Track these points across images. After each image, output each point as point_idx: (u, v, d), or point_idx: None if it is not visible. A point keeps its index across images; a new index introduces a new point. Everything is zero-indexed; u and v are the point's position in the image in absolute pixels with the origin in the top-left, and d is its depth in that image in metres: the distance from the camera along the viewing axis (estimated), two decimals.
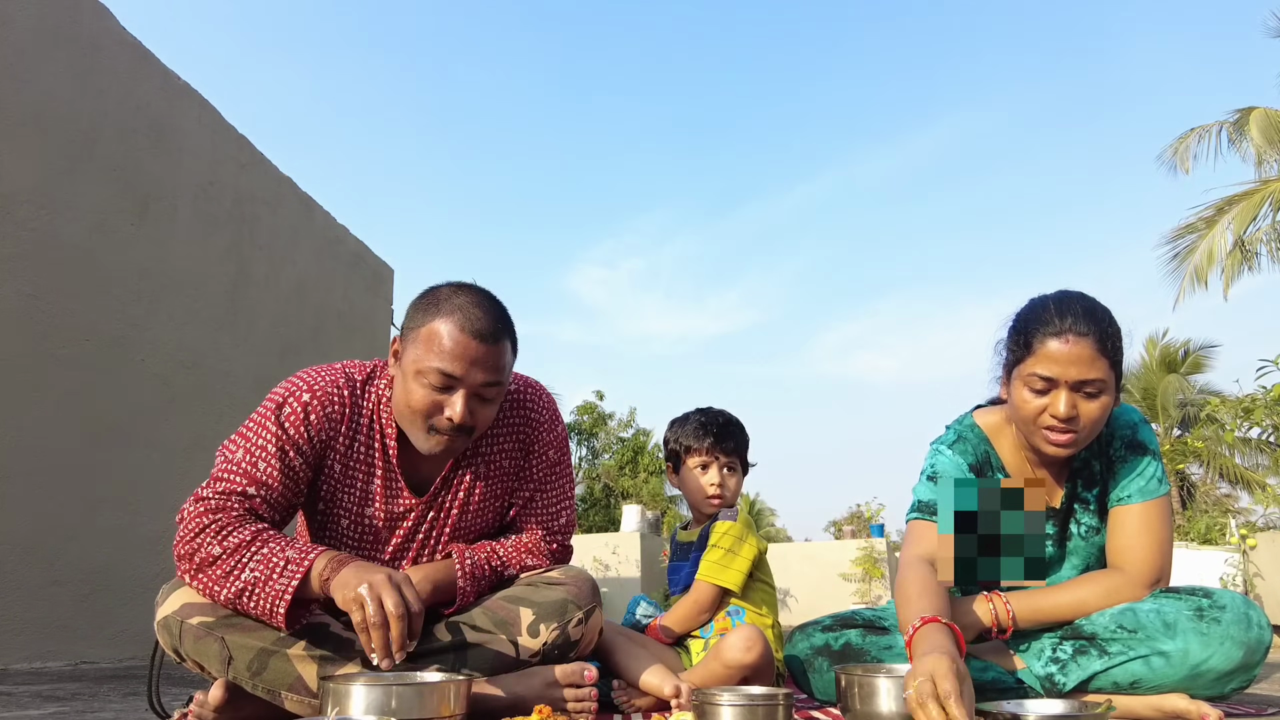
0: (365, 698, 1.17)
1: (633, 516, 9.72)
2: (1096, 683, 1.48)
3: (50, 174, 3.69)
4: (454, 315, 1.43)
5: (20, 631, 3.34)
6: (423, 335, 1.44)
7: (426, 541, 1.63)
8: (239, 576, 1.34)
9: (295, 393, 1.51)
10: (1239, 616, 1.42)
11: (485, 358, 1.43)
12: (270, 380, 1.68)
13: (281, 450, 1.46)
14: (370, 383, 1.58)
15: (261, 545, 1.36)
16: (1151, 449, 1.60)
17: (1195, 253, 11.75)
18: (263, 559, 1.34)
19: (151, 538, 4.07)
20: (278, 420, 1.48)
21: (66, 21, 3.84)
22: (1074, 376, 1.43)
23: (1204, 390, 16.78)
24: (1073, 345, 1.44)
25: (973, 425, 1.71)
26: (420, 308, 1.49)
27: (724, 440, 1.95)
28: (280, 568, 1.33)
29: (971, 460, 1.66)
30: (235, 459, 1.46)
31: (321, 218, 5.84)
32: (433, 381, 1.42)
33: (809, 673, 1.68)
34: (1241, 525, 8.35)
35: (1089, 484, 1.64)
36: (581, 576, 1.64)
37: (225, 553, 1.36)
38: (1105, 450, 1.63)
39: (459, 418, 1.43)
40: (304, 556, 1.34)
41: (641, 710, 1.66)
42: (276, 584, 1.32)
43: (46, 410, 3.57)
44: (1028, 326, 1.51)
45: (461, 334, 1.42)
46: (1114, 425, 1.63)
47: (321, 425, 1.50)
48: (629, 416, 20.83)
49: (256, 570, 1.34)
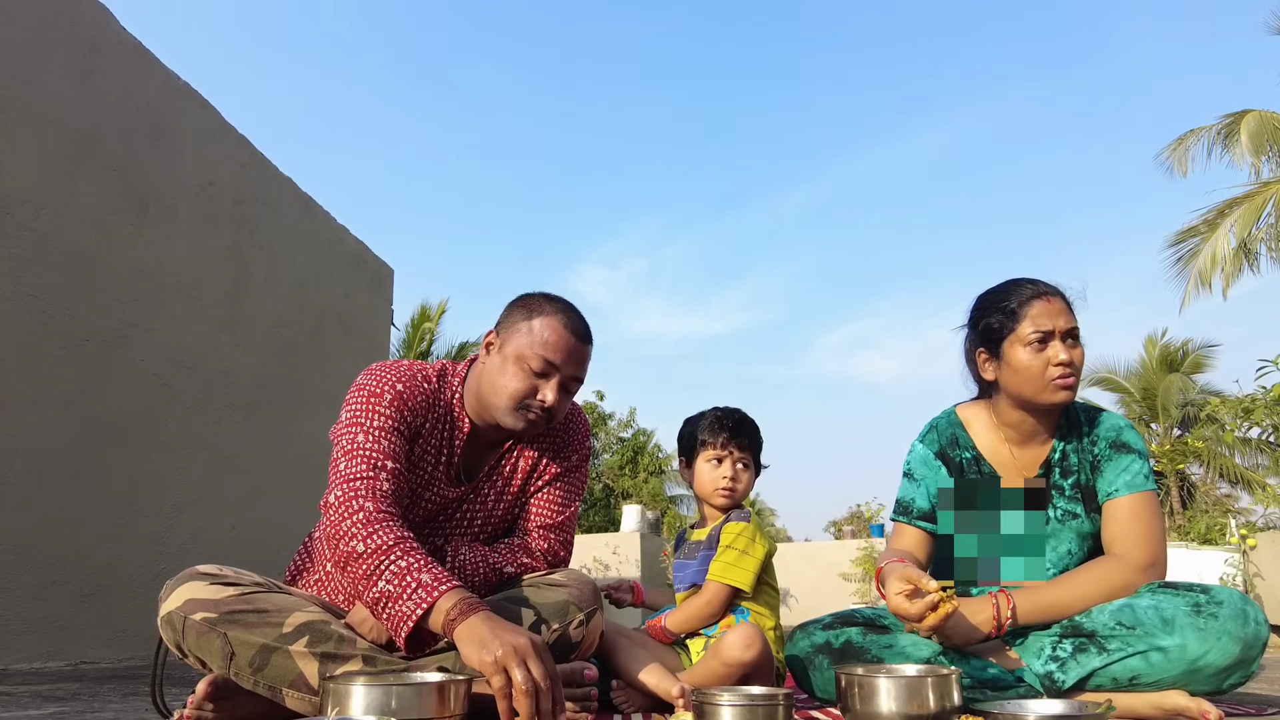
0: (365, 697, 1.17)
1: (632, 516, 9.72)
2: (1096, 680, 1.49)
3: (50, 174, 3.69)
4: (559, 315, 1.62)
5: (20, 631, 3.34)
6: (530, 327, 1.60)
7: (458, 528, 1.69)
8: (376, 584, 1.35)
9: (389, 383, 1.58)
10: (1236, 612, 1.43)
11: (580, 354, 1.62)
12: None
13: (398, 430, 1.54)
14: (444, 378, 1.69)
15: (401, 556, 1.35)
16: (1137, 449, 1.66)
17: (1199, 256, 11.74)
18: (398, 573, 1.34)
19: (151, 538, 4.08)
20: (385, 405, 1.54)
21: (66, 21, 3.84)
22: (1063, 326, 1.62)
23: (1204, 390, 16.78)
24: (1053, 301, 1.64)
25: (949, 414, 1.81)
26: (522, 306, 1.65)
27: (739, 436, 1.96)
28: (412, 589, 1.32)
29: (937, 447, 1.76)
30: (361, 442, 1.50)
31: (321, 218, 5.84)
32: (534, 367, 1.57)
33: (810, 671, 1.69)
34: (1241, 525, 8.35)
35: (1065, 473, 1.69)
36: (583, 579, 1.66)
37: (368, 552, 1.36)
38: (1089, 447, 1.68)
39: (551, 402, 1.57)
40: (437, 584, 1.32)
41: (641, 710, 1.67)
42: (404, 605, 1.32)
43: (46, 410, 3.57)
44: (1008, 300, 1.67)
45: (565, 330, 1.60)
46: (1099, 426, 1.69)
47: (416, 412, 1.59)
48: (629, 416, 20.84)
49: (391, 584, 1.33)
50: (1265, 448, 13.66)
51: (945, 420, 1.81)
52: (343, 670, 1.37)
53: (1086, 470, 1.68)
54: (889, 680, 1.24)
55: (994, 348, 1.68)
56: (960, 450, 1.76)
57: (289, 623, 1.41)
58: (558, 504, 1.75)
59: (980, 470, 1.74)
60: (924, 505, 1.76)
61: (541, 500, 1.75)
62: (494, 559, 1.65)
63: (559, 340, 1.58)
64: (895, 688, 1.22)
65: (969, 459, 1.75)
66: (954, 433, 1.78)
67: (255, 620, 1.41)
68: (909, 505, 1.76)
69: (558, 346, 1.58)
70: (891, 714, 1.21)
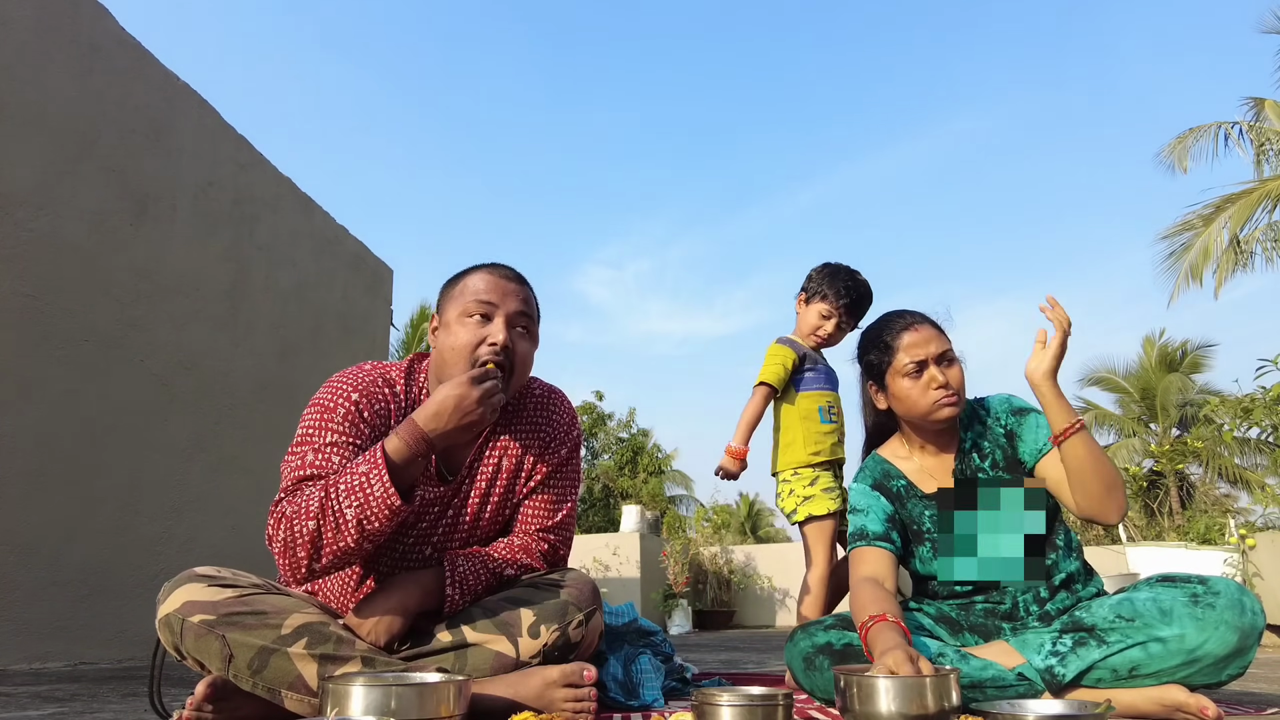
0: (365, 698, 1.17)
1: (632, 517, 9.71)
2: (1096, 672, 1.50)
3: (49, 174, 3.69)
4: (483, 268, 1.66)
5: (19, 632, 3.34)
6: (461, 288, 1.63)
7: (452, 528, 1.67)
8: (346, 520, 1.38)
9: (343, 393, 1.58)
10: (1233, 602, 1.46)
11: (516, 291, 1.64)
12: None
13: (352, 444, 1.53)
14: (412, 375, 1.70)
15: (335, 485, 1.39)
16: (1034, 409, 1.82)
17: (1191, 250, 11.76)
18: (349, 490, 1.38)
19: (151, 538, 4.07)
20: (337, 422, 1.55)
21: (66, 21, 3.84)
22: (935, 351, 1.75)
23: (1203, 390, 16.79)
24: (921, 329, 1.78)
25: (873, 456, 1.94)
26: (450, 281, 1.68)
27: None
28: (366, 480, 1.38)
29: (871, 481, 1.87)
30: (307, 459, 1.50)
31: (321, 218, 5.84)
32: (474, 313, 1.59)
33: (810, 671, 1.69)
34: (1241, 525, 8.35)
35: (982, 457, 1.82)
36: (582, 579, 1.65)
37: (317, 519, 1.38)
38: (995, 425, 1.83)
39: (502, 339, 1.57)
40: (374, 454, 1.40)
41: (641, 711, 1.66)
42: (376, 492, 1.37)
43: (46, 410, 3.57)
44: (881, 337, 1.82)
45: (492, 275, 1.64)
46: (992, 406, 1.86)
47: (374, 420, 1.59)
48: (628, 417, 20.82)
49: (351, 504, 1.37)
50: (1264, 448, 13.67)
51: (871, 461, 1.92)
52: (342, 671, 1.37)
53: (1002, 445, 1.81)
54: (888, 680, 1.24)
55: (880, 381, 1.84)
56: (893, 481, 1.85)
57: (288, 624, 1.41)
58: (553, 503, 1.73)
59: (915, 495, 1.82)
60: (877, 529, 1.80)
61: (536, 502, 1.72)
62: (492, 563, 1.64)
63: (489, 283, 1.62)
64: (894, 688, 1.22)
65: (903, 486, 1.84)
66: (882, 467, 1.88)
67: (254, 622, 1.41)
68: (863, 531, 1.81)
69: (490, 288, 1.61)
70: (891, 714, 1.21)
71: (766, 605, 10.17)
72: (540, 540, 1.71)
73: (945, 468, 1.83)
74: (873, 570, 1.73)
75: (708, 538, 10.58)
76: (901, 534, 1.80)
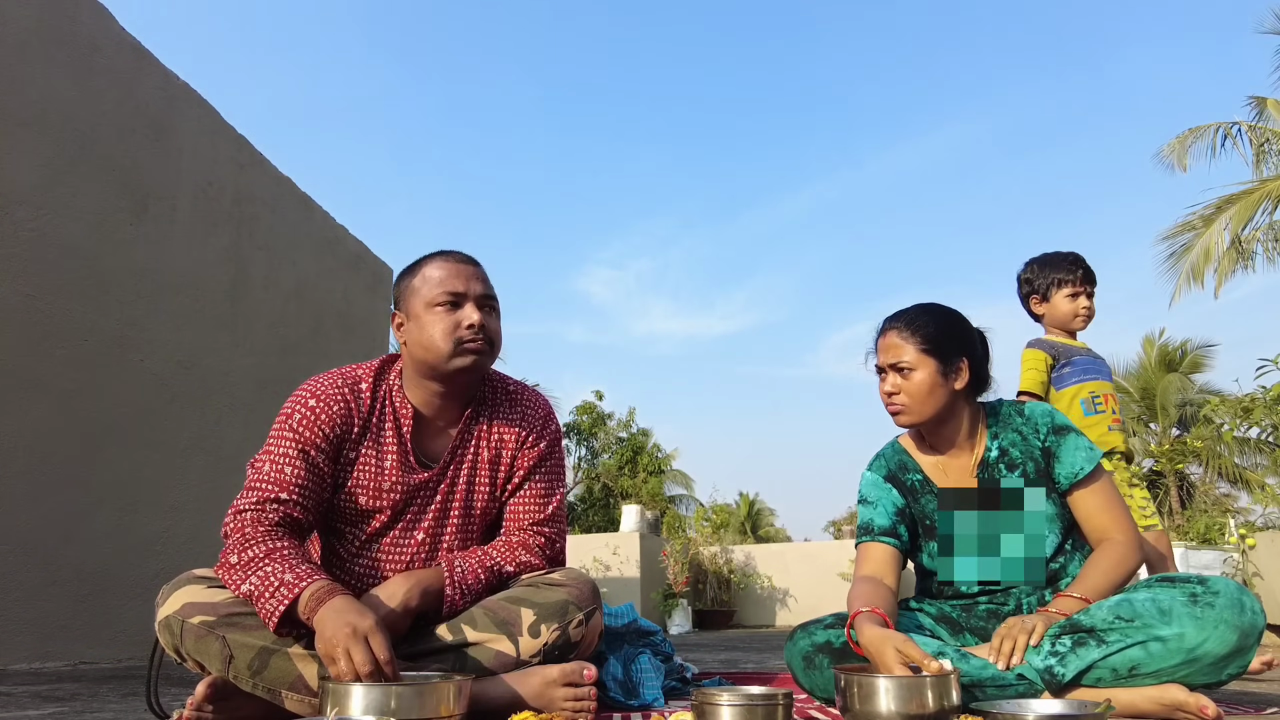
0: (365, 698, 1.17)
1: (632, 516, 9.70)
2: (1096, 672, 1.50)
3: (49, 174, 3.69)
4: (437, 257, 1.69)
5: (19, 632, 3.34)
6: (421, 279, 1.66)
7: (444, 513, 1.68)
8: (240, 587, 1.42)
9: (302, 399, 1.63)
10: (1232, 601, 1.46)
11: (476, 273, 1.67)
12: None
13: (304, 452, 1.57)
14: (383, 374, 1.72)
15: (269, 563, 1.41)
16: (1073, 429, 1.78)
17: (1192, 251, 11.76)
18: (263, 577, 1.40)
19: (151, 538, 4.07)
20: (293, 428, 1.59)
21: (66, 21, 3.84)
22: (885, 361, 1.78)
23: (1203, 390, 16.79)
24: (884, 339, 1.80)
25: (892, 443, 1.93)
26: (404, 274, 1.71)
27: (1091, 279, 2.61)
28: (274, 588, 1.39)
29: (886, 471, 1.86)
30: (263, 471, 1.55)
31: (321, 218, 5.84)
32: (443, 301, 1.62)
33: (810, 670, 1.69)
34: (1241, 525, 8.35)
35: (1010, 468, 1.78)
36: (582, 578, 1.65)
37: (240, 564, 1.43)
38: (1033, 437, 1.78)
39: (478, 319, 1.61)
40: (297, 582, 1.38)
41: (641, 711, 1.66)
42: (269, 603, 1.38)
43: (45, 410, 3.57)
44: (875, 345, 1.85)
45: (449, 262, 1.67)
46: (1034, 416, 1.80)
47: (333, 422, 1.61)
48: (628, 416, 20.82)
49: (254, 585, 1.40)
50: (1264, 447, 13.67)
51: (890, 449, 1.90)
52: None
53: (1036, 459, 1.76)
54: (888, 680, 1.24)
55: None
56: (909, 474, 1.84)
57: None
58: (541, 497, 1.75)
59: (930, 490, 1.80)
60: (884, 523, 1.80)
61: (525, 498, 1.74)
62: (490, 561, 1.64)
63: (449, 270, 1.65)
64: (894, 687, 1.22)
65: (919, 481, 1.82)
66: (900, 459, 1.86)
67: (254, 623, 1.41)
68: (870, 525, 1.81)
69: (453, 275, 1.64)
70: (890, 713, 1.21)
71: (766, 605, 10.17)
72: (535, 535, 1.72)
73: (964, 468, 1.81)
74: (874, 568, 1.74)
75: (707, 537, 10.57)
76: (910, 528, 1.80)
